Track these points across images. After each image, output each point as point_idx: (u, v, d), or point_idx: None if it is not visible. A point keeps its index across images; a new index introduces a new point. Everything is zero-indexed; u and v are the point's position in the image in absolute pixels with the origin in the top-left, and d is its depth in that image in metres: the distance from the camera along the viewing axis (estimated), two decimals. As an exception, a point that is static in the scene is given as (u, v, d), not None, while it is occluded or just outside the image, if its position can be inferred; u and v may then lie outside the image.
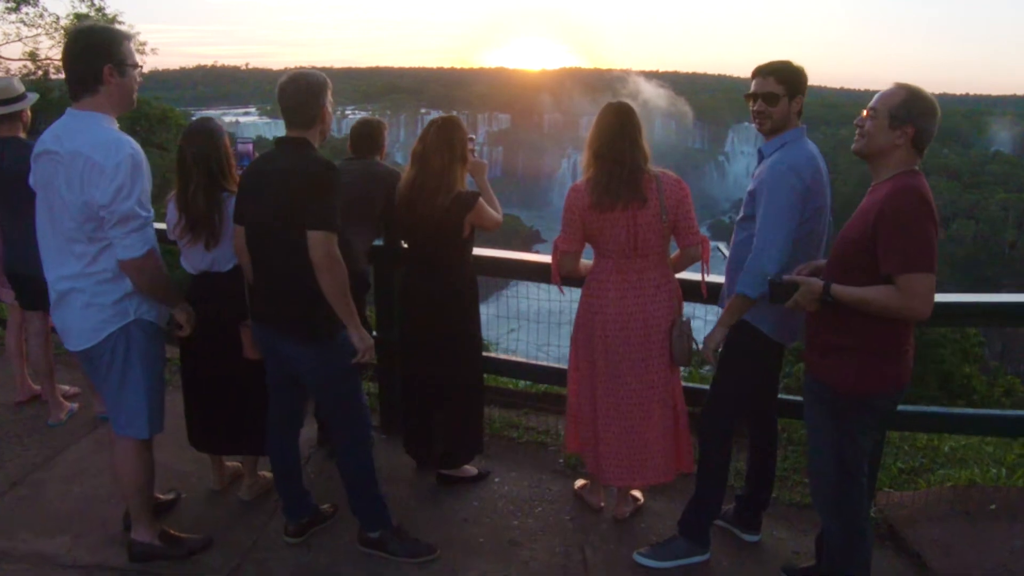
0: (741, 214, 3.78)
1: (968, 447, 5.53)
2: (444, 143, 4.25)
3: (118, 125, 3.57)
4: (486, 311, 5.08)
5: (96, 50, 3.46)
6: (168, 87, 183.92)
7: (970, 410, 4.46)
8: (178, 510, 4.56)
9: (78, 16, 30.83)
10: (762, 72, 3.72)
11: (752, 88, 3.75)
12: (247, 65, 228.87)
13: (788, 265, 3.50)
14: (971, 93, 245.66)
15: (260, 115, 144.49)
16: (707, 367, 11.77)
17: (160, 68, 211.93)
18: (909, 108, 3.13)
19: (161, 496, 4.52)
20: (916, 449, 5.45)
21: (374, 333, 5.39)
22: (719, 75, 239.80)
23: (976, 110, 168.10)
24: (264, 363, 4.03)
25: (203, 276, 4.21)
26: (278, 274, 3.67)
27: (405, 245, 4.65)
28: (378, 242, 5.06)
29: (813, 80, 3.88)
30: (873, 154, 3.22)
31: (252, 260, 3.80)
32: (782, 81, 3.67)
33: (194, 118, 4.45)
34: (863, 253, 3.09)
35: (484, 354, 4.91)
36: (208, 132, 4.06)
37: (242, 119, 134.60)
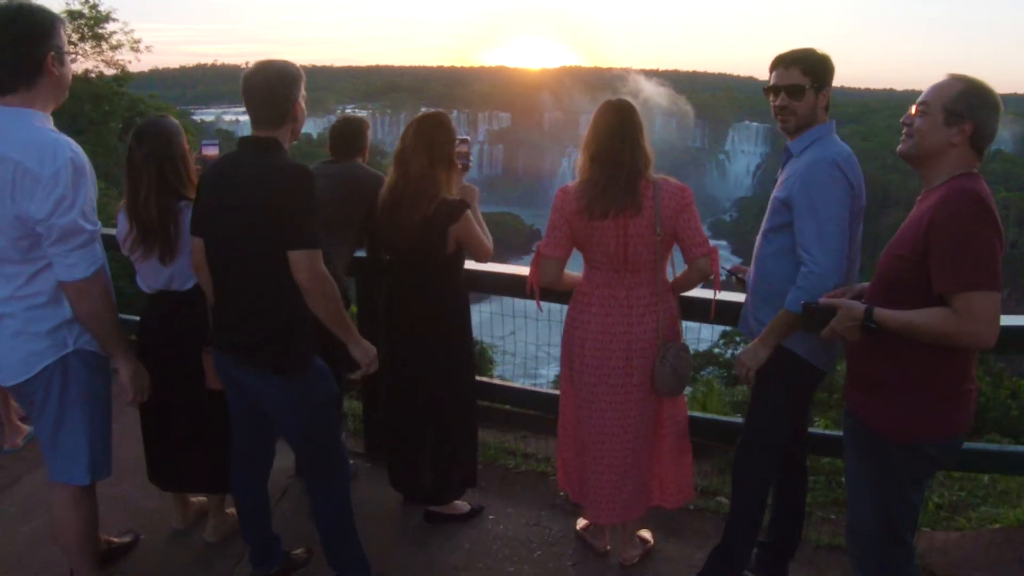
0: (769, 224, 3.29)
1: (1011, 476, 5.04)
2: (423, 143, 3.79)
3: (53, 123, 3.08)
4: (480, 310, 4.65)
5: (39, 35, 2.95)
6: (168, 86, 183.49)
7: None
8: (135, 555, 4.08)
9: (71, 14, 30.42)
10: (784, 62, 3.25)
11: (772, 80, 3.28)
12: (248, 64, 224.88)
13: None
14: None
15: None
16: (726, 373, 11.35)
17: (160, 67, 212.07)
18: (968, 101, 2.67)
19: (115, 539, 4.05)
20: (952, 480, 4.97)
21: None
22: (719, 74, 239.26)
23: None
24: (226, 394, 3.54)
25: (160, 296, 3.74)
26: (244, 296, 3.18)
27: (389, 257, 4.18)
28: (360, 253, 4.59)
29: None
30: (924, 156, 2.75)
31: (213, 279, 3.32)
32: (808, 71, 3.21)
33: (195, 116, 3.94)
34: (914, 270, 2.62)
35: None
36: (161, 130, 3.58)
37: (242, 118, 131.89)
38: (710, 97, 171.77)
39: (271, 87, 3.10)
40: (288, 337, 3.14)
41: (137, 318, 3.85)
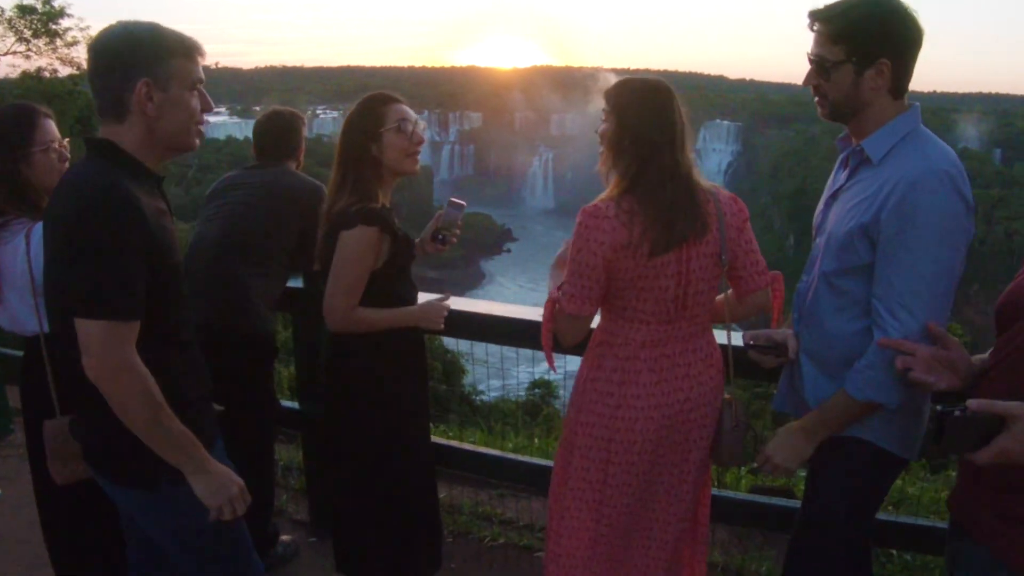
0: (839, 263, 2.31)
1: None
2: (340, 142, 2.92)
3: None
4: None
5: None
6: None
7: None
8: None
9: (22, 8, 29.27)
10: (815, 18, 2.30)
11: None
12: (217, 64, 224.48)
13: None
14: (938, 91, 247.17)
15: (231, 115, 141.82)
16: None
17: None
18: None
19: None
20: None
21: (295, 404, 4.00)
22: (690, 72, 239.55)
23: (943, 107, 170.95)
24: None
25: (27, 341, 2.85)
26: (70, 368, 2.07)
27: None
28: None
29: (782, 77, 2.49)
30: None
31: None
32: (843, 36, 2.23)
33: None
34: None
35: (433, 440, 3.49)
36: None
37: (212, 119, 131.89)
38: (681, 96, 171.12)
39: (100, 59, 2.04)
40: (126, 433, 2.03)
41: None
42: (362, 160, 2.86)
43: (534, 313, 2.86)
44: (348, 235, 2.76)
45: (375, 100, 2.94)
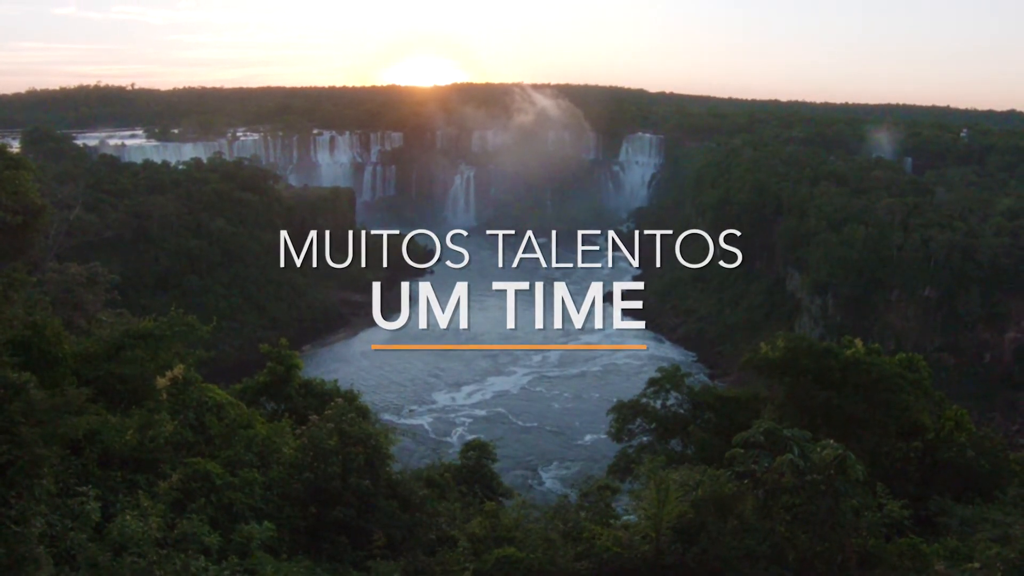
0: None
1: None
2: None
3: None
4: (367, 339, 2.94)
5: None
6: (47, 108, 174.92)
7: None
8: None
9: None
10: None
11: None
12: (132, 86, 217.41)
13: None
14: (850, 102, 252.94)
15: (148, 138, 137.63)
16: None
17: (38, 88, 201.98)
18: None
19: None
20: None
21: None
22: (610, 86, 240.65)
23: (856, 119, 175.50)
24: None
25: None
26: None
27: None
28: None
29: (702, 90, 1.93)
30: None
31: None
32: None
33: (78, 140, 2.17)
34: None
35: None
36: None
37: (128, 142, 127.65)
38: (602, 109, 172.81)
39: None
40: None
41: None
42: None
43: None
44: None
45: None
